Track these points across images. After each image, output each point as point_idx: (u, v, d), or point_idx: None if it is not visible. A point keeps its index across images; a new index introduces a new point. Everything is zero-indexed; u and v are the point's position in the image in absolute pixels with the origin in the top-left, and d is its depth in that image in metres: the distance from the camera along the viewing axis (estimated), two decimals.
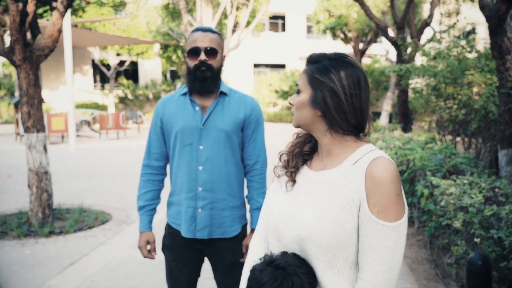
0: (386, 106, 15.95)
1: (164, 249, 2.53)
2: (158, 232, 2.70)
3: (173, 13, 14.72)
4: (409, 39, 10.30)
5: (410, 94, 10.43)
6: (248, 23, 15.75)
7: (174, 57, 22.14)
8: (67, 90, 12.93)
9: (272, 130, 21.66)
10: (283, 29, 31.87)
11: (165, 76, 28.61)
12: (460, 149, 8.22)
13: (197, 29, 2.37)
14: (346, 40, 20.18)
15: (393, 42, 9.43)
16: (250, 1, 13.18)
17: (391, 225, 1.29)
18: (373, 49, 24.49)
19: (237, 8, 14.80)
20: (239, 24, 14.69)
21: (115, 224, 6.03)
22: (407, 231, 5.25)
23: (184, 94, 2.43)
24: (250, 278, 1.41)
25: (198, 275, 2.54)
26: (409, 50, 9.27)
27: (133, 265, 4.63)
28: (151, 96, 26.04)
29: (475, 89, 6.63)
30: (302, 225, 1.36)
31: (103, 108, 23.60)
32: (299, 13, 31.06)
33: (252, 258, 1.55)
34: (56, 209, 6.37)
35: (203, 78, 2.31)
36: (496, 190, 3.54)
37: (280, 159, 1.55)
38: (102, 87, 25.98)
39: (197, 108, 2.37)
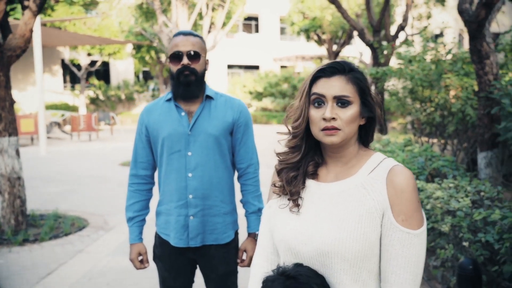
0: None
1: (155, 258, 2.45)
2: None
3: (147, 13, 14.51)
4: (384, 42, 10.41)
5: (386, 96, 10.55)
6: (224, 24, 15.67)
7: (147, 58, 21.85)
8: (37, 90, 12.57)
9: None
10: (257, 30, 31.89)
11: (137, 76, 28.23)
12: (436, 151, 8.34)
13: (179, 33, 2.30)
14: (320, 42, 20.31)
15: (370, 45, 9.51)
16: (226, 2, 13.09)
17: (415, 232, 1.27)
18: (346, 51, 24.69)
19: (213, 9, 14.70)
20: (215, 25, 14.58)
21: (92, 231, 5.85)
22: None
23: (169, 100, 2.35)
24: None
25: (192, 281, 2.48)
26: (385, 52, 9.35)
27: (114, 274, 4.50)
28: (123, 97, 25.64)
29: (452, 92, 6.74)
30: (324, 239, 1.30)
31: (74, 109, 23.10)
32: (272, 14, 31.14)
33: (256, 285, 1.47)
34: (30, 216, 6.14)
35: (187, 83, 2.24)
36: (482, 193, 3.57)
37: (275, 185, 1.46)
38: (73, 88, 25.45)
39: (183, 113, 2.30)
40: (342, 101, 1.32)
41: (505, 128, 4.35)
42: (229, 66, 31.36)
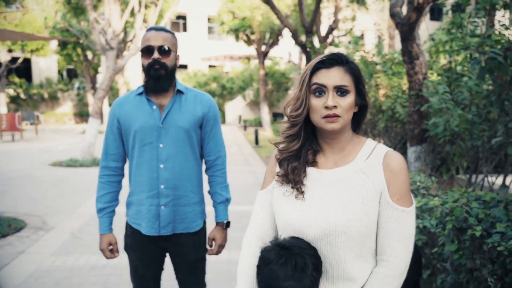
0: None
1: (127, 248, 2.51)
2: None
3: (76, 9, 14.00)
4: (316, 43, 10.82)
5: None
6: (156, 23, 15.46)
7: (73, 55, 21.00)
8: None
9: None
10: (185, 29, 31.67)
11: (61, 74, 27.06)
12: None
13: (151, 28, 2.38)
14: (249, 42, 20.59)
15: (302, 45, 9.85)
16: (159, 0, 12.97)
17: (408, 210, 1.45)
18: (275, 51, 25.18)
19: (146, 7, 14.47)
20: (148, 23, 14.38)
21: (32, 231, 5.66)
22: None
23: (140, 93, 2.42)
24: (260, 258, 1.49)
25: (162, 269, 2.56)
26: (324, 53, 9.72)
27: (62, 273, 4.41)
28: (46, 95, 24.49)
29: (381, 92, 7.19)
30: (332, 220, 1.43)
31: None
32: (200, 13, 31.05)
33: (249, 259, 1.59)
34: None
35: (157, 76, 2.32)
36: (418, 183, 3.91)
37: (278, 174, 1.58)
38: None
39: (154, 107, 2.38)
40: (341, 90, 1.45)
41: (433, 124, 4.76)
42: None
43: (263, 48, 20.28)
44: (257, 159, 12.55)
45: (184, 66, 31.48)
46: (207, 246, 2.55)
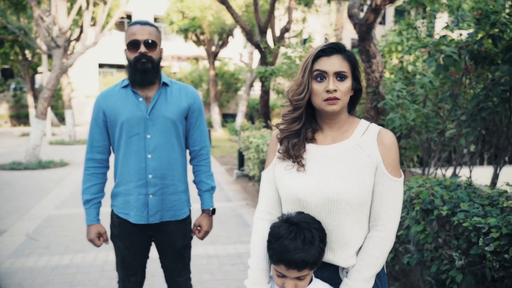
0: (242, 107, 16.73)
1: (113, 238, 2.52)
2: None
3: (16, 4, 13.45)
4: (270, 43, 11.00)
5: (272, 94, 11.17)
6: (106, 22, 15.15)
7: (11, 54, 20.09)
8: None
9: None
10: None
11: None
12: None
13: (135, 23, 2.41)
14: (198, 42, 20.55)
15: (257, 45, 9.99)
16: None
17: (399, 180, 1.62)
18: (225, 52, 25.24)
19: (95, 5, 14.13)
20: (96, 21, 14.05)
21: None
22: None
23: (125, 86, 2.45)
24: (270, 233, 1.61)
25: (147, 257, 2.60)
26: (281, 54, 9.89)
27: (23, 274, 4.31)
28: None
29: None
30: (334, 189, 1.57)
31: None
32: (146, 12, 30.57)
33: (261, 233, 1.71)
34: None
35: (144, 70, 2.36)
36: None
37: (279, 151, 1.71)
38: None
39: (140, 99, 2.41)
40: (341, 76, 1.59)
41: (390, 119, 5.02)
42: (101, 65, 30.18)
43: (213, 48, 20.31)
44: (211, 159, 12.57)
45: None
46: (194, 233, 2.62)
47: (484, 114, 3.87)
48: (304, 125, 1.68)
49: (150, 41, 2.35)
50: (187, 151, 2.61)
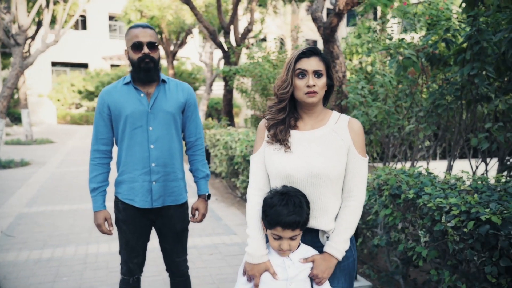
0: (202, 106, 16.90)
1: (118, 223, 2.73)
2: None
3: None
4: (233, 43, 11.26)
5: (235, 93, 11.42)
6: (66, 21, 14.92)
7: None
8: None
9: (84, 132, 20.80)
10: (84, 27, 30.53)
11: None
12: None
13: (137, 26, 2.65)
14: None
15: (220, 45, 10.24)
16: None
17: (365, 159, 2.00)
18: (183, 51, 25.24)
19: (55, 3, 13.93)
20: (57, 19, 13.85)
21: None
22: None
23: (127, 83, 2.68)
24: (264, 205, 1.92)
25: (148, 241, 2.83)
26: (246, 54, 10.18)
27: (5, 268, 4.40)
28: None
29: None
30: (317, 165, 1.91)
31: None
32: (101, 11, 30.11)
33: (255, 206, 2.01)
34: None
35: (147, 69, 2.61)
36: None
37: (268, 136, 2.04)
38: None
39: (142, 94, 2.65)
40: (318, 73, 1.95)
41: (353, 116, 5.42)
42: (54, 64, 29.47)
43: (172, 48, 20.34)
44: None
45: (83, 65, 30.36)
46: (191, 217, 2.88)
47: (440, 111, 4.31)
48: (288, 114, 2.02)
49: (152, 43, 2.60)
50: (183, 142, 2.86)
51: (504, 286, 2.44)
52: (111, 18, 31.14)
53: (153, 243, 3.14)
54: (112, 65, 31.15)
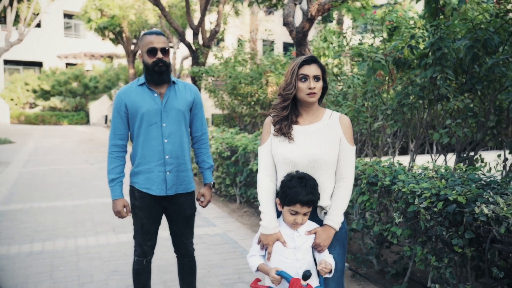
0: None
1: (135, 209, 3.03)
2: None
3: None
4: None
5: (203, 93, 11.67)
6: (31, 19, 14.69)
7: None
8: None
9: (42, 132, 20.43)
10: (38, 25, 29.82)
11: None
12: None
13: (151, 33, 2.97)
14: (116, 40, 20.47)
15: (189, 46, 10.50)
16: None
17: (353, 147, 2.42)
18: None
19: (19, 1, 13.71)
20: (21, 17, 13.66)
21: None
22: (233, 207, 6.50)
23: (141, 84, 2.99)
24: (283, 186, 2.30)
25: (159, 225, 3.14)
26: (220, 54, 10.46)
27: (0, 260, 4.56)
28: None
29: (270, 89, 8.23)
30: (315, 153, 2.31)
31: None
32: (55, 9, 29.49)
33: (265, 187, 2.40)
34: None
35: (161, 72, 2.93)
36: None
37: (274, 130, 2.43)
38: None
39: (155, 94, 2.97)
40: (317, 78, 2.36)
41: None
42: (6, 62, 28.67)
43: (133, 47, 20.33)
44: None
45: (37, 64, 29.69)
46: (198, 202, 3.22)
47: (405, 109, 4.81)
48: (290, 112, 2.42)
49: (165, 48, 2.92)
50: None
51: (468, 255, 2.92)
52: (66, 16, 30.60)
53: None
54: (67, 64, 30.60)
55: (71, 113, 26.24)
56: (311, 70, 2.34)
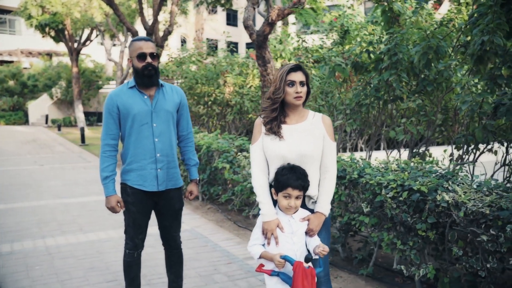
0: None
1: (127, 205, 3.18)
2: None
3: None
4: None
5: None
6: None
7: None
8: None
9: None
10: None
11: None
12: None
13: (140, 39, 3.16)
14: (58, 38, 19.88)
15: None
16: None
17: (335, 143, 2.74)
18: (87, 49, 24.42)
19: None
20: None
21: None
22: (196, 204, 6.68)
23: (131, 87, 3.16)
24: (276, 175, 2.58)
25: (150, 219, 3.31)
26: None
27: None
28: None
29: (227, 89, 8.47)
30: (303, 148, 2.60)
31: None
32: None
33: (260, 181, 2.67)
34: None
35: (150, 75, 3.12)
36: None
37: (265, 130, 2.69)
38: None
39: (145, 96, 3.15)
40: (302, 83, 2.66)
41: None
42: None
43: (76, 45, 19.83)
44: (91, 156, 12.67)
45: None
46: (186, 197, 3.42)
47: (363, 109, 5.21)
48: (279, 113, 2.70)
49: (154, 53, 3.10)
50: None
51: (431, 237, 3.31)
52: (1, 11, 29.25)
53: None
54: (2, 61, 29.25)
55: (8, 112, 25.15)
56: (298, 76, 2.63)
